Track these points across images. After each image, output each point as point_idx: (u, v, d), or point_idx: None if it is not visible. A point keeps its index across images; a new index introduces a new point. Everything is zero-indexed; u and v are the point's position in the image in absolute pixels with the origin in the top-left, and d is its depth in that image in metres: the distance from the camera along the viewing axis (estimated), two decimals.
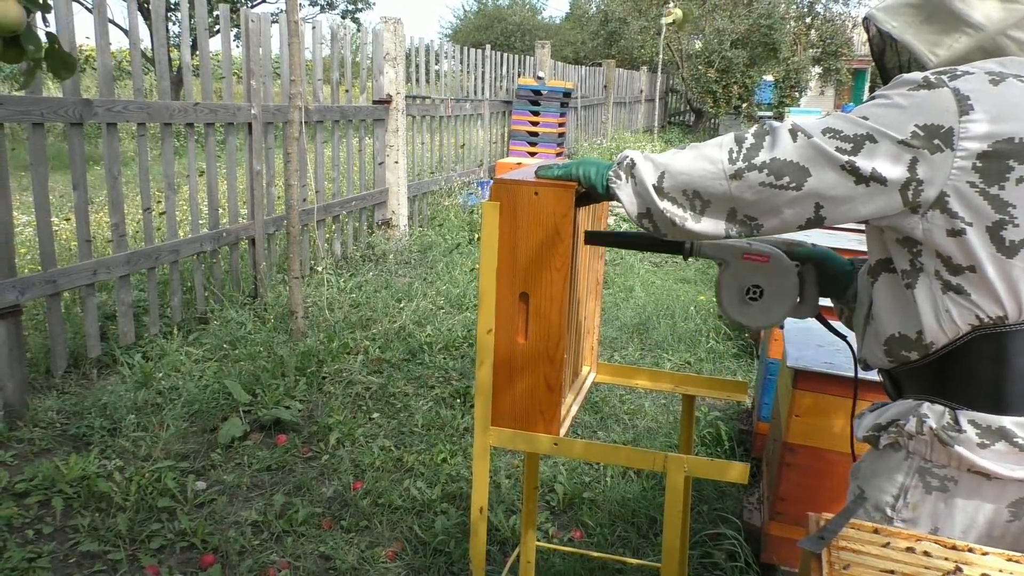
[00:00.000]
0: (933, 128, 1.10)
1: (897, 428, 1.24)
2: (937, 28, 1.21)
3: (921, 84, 1.12)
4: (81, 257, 3.46)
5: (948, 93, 1.10)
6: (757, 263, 1.45)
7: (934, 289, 1.17)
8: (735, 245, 1.47)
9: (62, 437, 3.02)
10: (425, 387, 3.69)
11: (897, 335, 1.23)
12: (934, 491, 1.20)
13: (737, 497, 2.80)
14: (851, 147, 1.13)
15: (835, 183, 1.14)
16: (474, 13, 31.77)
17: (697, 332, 4.62)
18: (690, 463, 1.46)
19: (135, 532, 2.47)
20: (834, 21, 20.26)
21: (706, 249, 1.48)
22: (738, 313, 1.48)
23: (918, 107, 1.11)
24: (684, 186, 1.23)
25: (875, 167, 1.11)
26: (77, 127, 3.39)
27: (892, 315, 1.24)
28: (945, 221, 1.12)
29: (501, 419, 1.55)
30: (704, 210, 1.23)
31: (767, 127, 1.20)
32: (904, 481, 1.23)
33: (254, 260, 4.61)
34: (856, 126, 1.14)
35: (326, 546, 2.48)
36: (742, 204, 1.20)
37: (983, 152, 1.09)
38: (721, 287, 1.49)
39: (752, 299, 1.46)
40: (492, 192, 1.46)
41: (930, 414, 1.19)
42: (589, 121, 12.65)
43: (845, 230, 3.69)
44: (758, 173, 1.17)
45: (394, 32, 5.95)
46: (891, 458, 1.26)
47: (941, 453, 1.19)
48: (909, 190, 1.12)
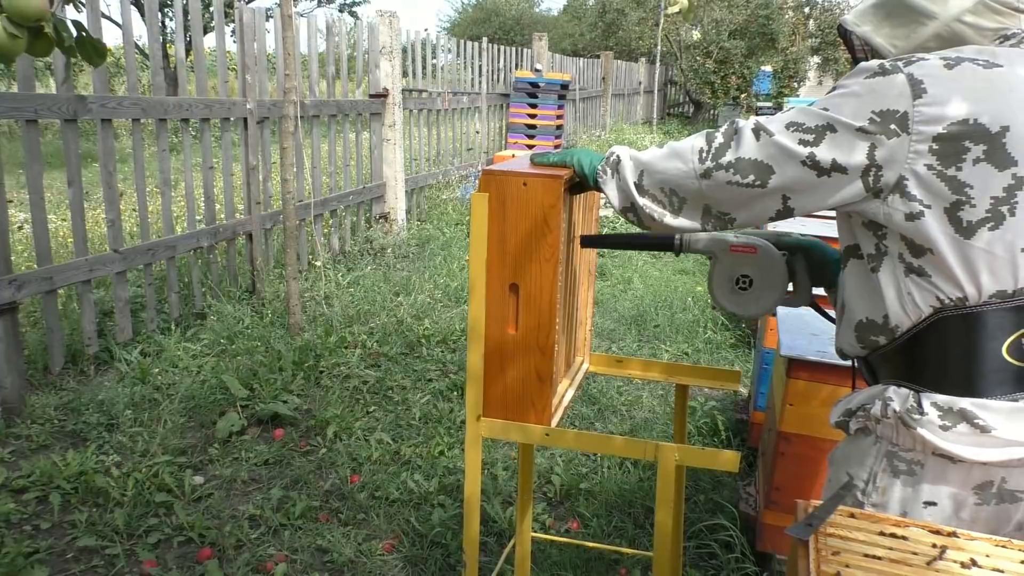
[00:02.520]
0: (889, 113, 1.12)
1: (864, 413, 1.26)
2: (896, 22, 1.25)
3: (876, 71, 1.15)
4: (77, 254, 3.47)
5: (902, 78, 1.13)
6: (745, 254, 1.50)
7: (897, 272, 1.19)
8: (724, 238, 1.52)
9: (60, 433, 3.02)
10: (423, 380, 3.70)
11: (865, 320, 1.26)
12: (901, 475, 1.22)
13: (733, 487, 2.81)
14: (813, 138, 1.16)
15: (798, 177, 1.18)
16: (472, 6, 31.67)
17: (695, 323, 4.62)
18: (681, 452, 1.46)
19: (133, 527, 2.48)
20: (832, 11, 20.21)
21: (696, 244, 1.54)
22: (729, 302, 1.53)
23: (874, 93, 1.14)
24: (661, 184, 1.29)
25: (835, 157, 1.15)
26: (71, 123, 3.38)
27: (860, 300, 1.26)
28: (904, 204, 1.14)
29: (493, 409, 1.55)
30: (681, 207, 1.29)
31: (735, 126, 1.24)
32: (873, 465, 1.25)
33: (251, 255, 4.61)
34: (816, 118, 1.17)
35: (323, 539, 2.49)
36: (714, 201, 1.26)
37: (938, 135, 1.11)
38: (712, 279, 1.54)
39: (742, 288, 1.51)
40: (481, 183, 1.46)
41: (895, 397, 1.21)
42: (588, 113, 12.62)
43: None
44: (725, 172, 1.22)
45: (390, 25, 5.94)
46: (861, 443, 1.28)
47: (906, 436, 1.20)
48: (870, 176, 1.15)
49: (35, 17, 1.16)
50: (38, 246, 3.28)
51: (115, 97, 3.56)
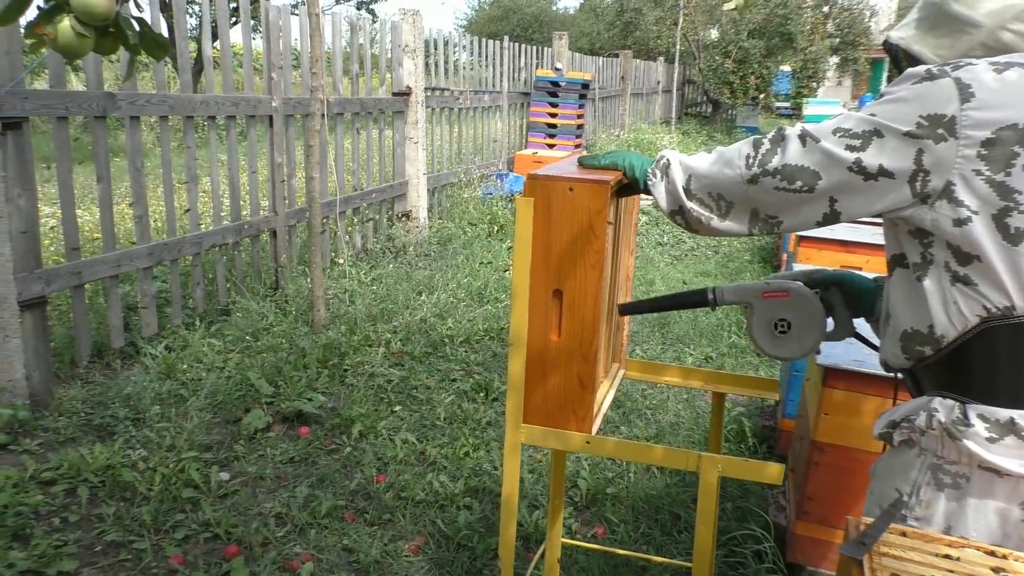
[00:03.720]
0: (936, 117, 1.12)
1: (909, 424, 1.25)
2: (941, 33, 1.26)
3: (924, 76, 1.16)
4: (105, 249, 3.48)
5: (950, 82, 1.13)
6: (779, 299, 1.51)
7: (943, 281, 1.18)
8: (755, 287, 1.53)
9: (87, 426, 3.04)
10: (447, 380, 3.69)
11: (910, 330, 1.25)
12: (946, 488, 1.21)
13: (760, 495, 2.78)
14: (860, 143, 1.17)
15: (845, 183, 1.18)
16: (489, 4, 31.66)
17: (719, 327, 4.59)
18: (724, 463, 1.45)
19: (159, 522, 2.48)
20: (852, 10, 20.04)
21: (729, 296, 1.56)
22: (772, 348, 1.54)
23: (921, 98, 1.14)
24: (709, 188, 1.31)
25: (882, 162, 1.15)
26: (100, 120, 3.40)
27: (905, 310, 1.25)
28: (952, 210, 1.13)
29: (533, 416, 1.54)
30: (728, 211, 1.31)
31: (782, 133, 1.25)
32: (917, 478, 1.24)
33: (275, 252, 4.62)
34: (864, 123, 1.18)
35: (349, 539, 2.48)
36: (762, 205, 1.27)
37: (987, 139, 1.10)
38: (752, 328, 1.54)
39: (782, 333, 1.52)
40: (526, 188, 1.45)
41: (940, 408, 1.20)
42: (607, 112, 12.58)
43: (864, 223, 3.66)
44: (772, 178, 1.23)
45: (413, 24, 5.94)
46: (905, 455, 1.27)
47: (951, 449, 1.19)
48: (917, 181, 1.15)
49: (102, 17, 1.16)
50: (67, 241, 3.30)
51: (144, 94, 3.57)
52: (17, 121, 2.90)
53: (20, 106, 2.90)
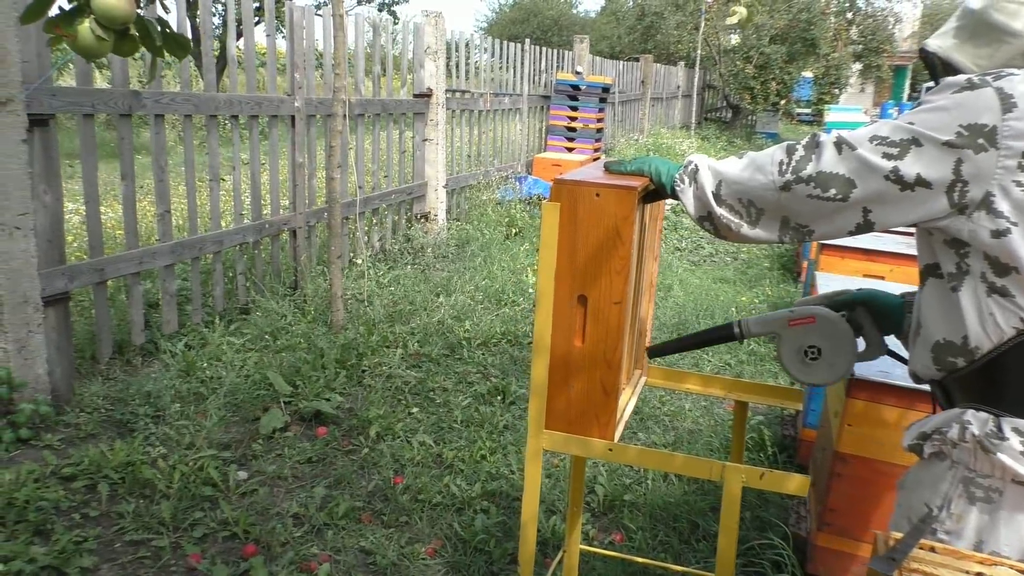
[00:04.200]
0: (977, 127, 1.10)
1: (941, 436, 1.23)
2: (981, 42, 1.24)
3: (964, 86, 1.14)
4: (128, 246, 3.51)
5: (991, 92, 1.11)
6: (805, 326, 1.50)
7: (979, 292, 1.16)
8: (780, 317, 1.53)
9: (107, 423, 3.06)
10: (464, 383, 3.68)
11: (943, 341, 1.23)
12: (978, 502, 1.19)
13: (780, 504, 2.76)
14: (897, 152, 1.15)
15: (881, 191, 1.16)
16: (510, 7, 31.70)
17: None
18: (748, 473, 1.43)
19: (178, 520, 2.49)
20: (876, 17, 19.91)
21: (755, 328, 1.56)
22: (805, 375, 1.53)
23: (961, 107, 1.12)
24: (739, 194, 1.29)
25: (920, 171, 1.13)
26: (126, 118, 3.42)
27: (938, 321, 1.24)
28: (990, 221, 1.12)
29: (555, 422, 1.53)
30: (758, 218, 1.28)
31: (817, 139, 1.23)
32: (947, 491, 1.22)
33: (295, 251, 4.64)
34: (901, 131, 1.16)
35: (366, 540, 2.48)
36: (793, 213, 1.25)
37: None
38: (782, 357, 1.54)
39: (813, 359, 1.51)
40: (552, 192, 1.44)
41: (973, 421, 1.18)
42: (626, 116, 12.55)
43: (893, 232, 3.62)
44: (805, 186, 1.21)
45: (435, 26, 5.95)
46: (935, 467, 1.25)
47: (984, 462, 1.17)
48: (955, 191, 1.13)
49: (122, 21, 1.17)
50: (91, 238, 3.32)
51: (168, 93, 3.60)
52: (44, 118, 2.93)
53: (48, 103, 2.92)
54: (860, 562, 2.15)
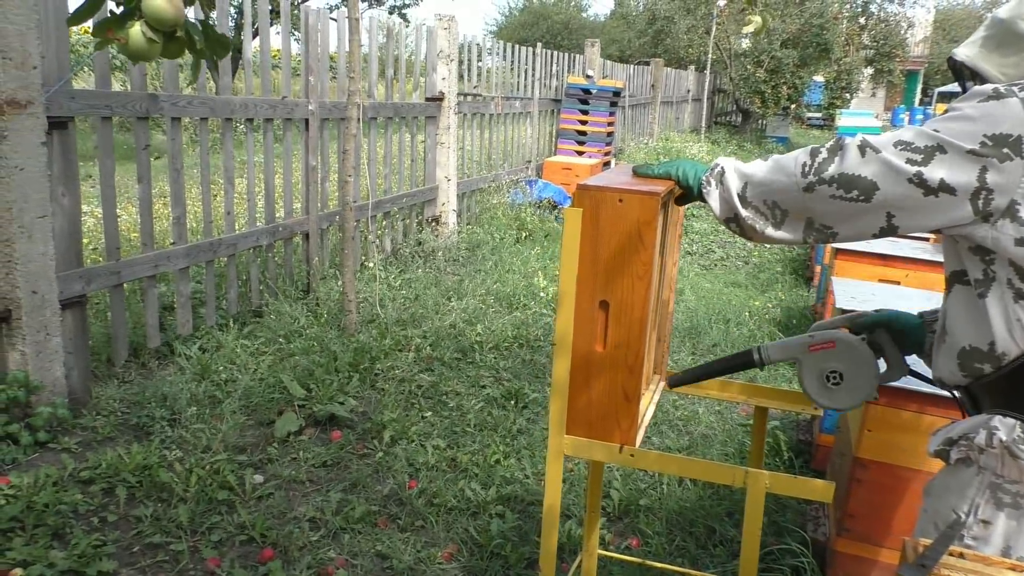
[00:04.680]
0: (1002, 137, 1.11)
1: (967, 442, 1.23)
2: (1008, 51, 1.25)
3: (991, 95, 1.14)
4: (144, 249, 3.52)
5: (1017, 103, 1.12)
6: (826, 351, 1.50)
7: (1006, 299, 1.17)
8: (800, 342, 1.53)
9: (124, 426, 3.07)
10: (477, 387, 3.68)
11: (969, 347, 1.23)
12: (1006, 507, 1.19)
13: (797, 509, 2.74)
14: (921, 158, 1.15)
15: (904, 195, 1.17)
16: (519, 10, 31.75)
17: (751, 338, 4.55)
18: (772, 480, 1.42)
19: (196, 523, 2.50)
20: (888, 21, 19.85)
21: (775, 354, 1.56)
22: (827, 400, 1.52)
23: (987, 117, 1.13)
24: (764, 196, 1.30)
25: (944, 178, 1.14)
26: (143, 121, 3.44)
27: (965, 327, 1.24)
28: (1015, 229, 1.12)
29: (575, 427, 1.53)
30: (783, 219, 1.29)
31: (841, 142, 1.24)
32: (975, 497, 1.22)
33: (307, 255, 4.65)
34: (926, 138, 1.16)
35: (383, 545, 2.48)
36: (817, 214, 1.25)
37: None
38: (803, 382, 1.53)
39: (835, 384, 1.50)
40: (575, 198, 1.44)
41: (1001, 427, 1.18)
42: (636, 120, 12.54)
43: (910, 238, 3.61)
44: (828, 187, 1.21)
45: (448, 30, 5.96)
46: (962, 473, 1.25)
47: (1012, 467, 1.17)
48: (979, 199, 1.14)
49: (171, 23, 1.18)
50: (108, 241, 3.34)
51: (185, 96, 3.62)
52: (63, 121, 2.95)
53: (67, 106, 2.94)
54: (881, 568, 2.14)
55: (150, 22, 1.18)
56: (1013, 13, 1.25)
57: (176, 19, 1.18)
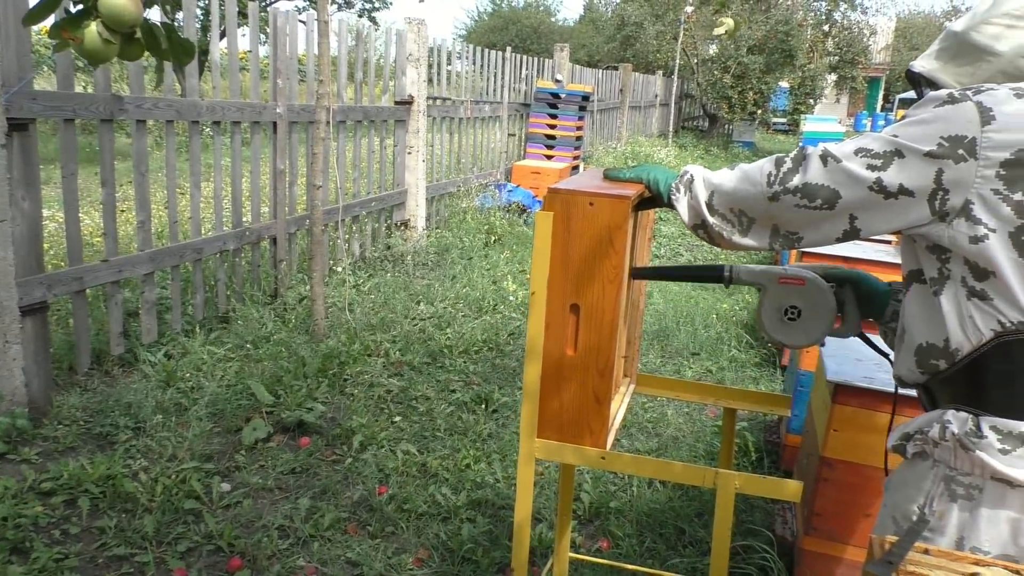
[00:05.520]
0: (957, 139, 1.16)
1: (923, 436, 1.27)
2: (963, 61, 1.30)
3: (946, 100, 1.19)
4: (108, 254, 3.46)
5: (971, 106, 1.16)
6: (794, 285, 1.52)
7: (959, 296, 1.21)
8: (771, 271, 1.55)
9: (86, 435, 3.01)
10: (446, 391, 3.67)
11: (925, 344, 1.27)
12: (959, 499, 1.22)
13: (764, 509, 2.77)
14: (881, 163, 1.20)
15: (866, 201, 1.21)
16: (489, 15, 31.78)
17: (719, 340, 4.59)
18: (742, 480, 1.44)
19: (162, 534, 2.46)
20: (851, 29, 20.20)
21: (744, 276, 1.57)
22: (778, 333, 1.55)
23: (943, 120, 1.17)
24: (731, 204, 1.34)
25: (903, 181, 1.18)
26: (107, 124, 3.38)
27: (921, 324, 1.27)
28: (969, 228, 1.16)
29: (547, 430, 1.53)
30: (750, 227, 1.34)
31: (803, 152, 1.28)
32: (930, 489, 1.25)
33: (275, 259, 4.60)
34: (885, 143, 1.21)
35: (352, 551, 2.46)
36: (783, 222, 1.30)
37: (1005, 160, 1.14)
38: (761, 309, 1.56)
39: (791, 319, 1.53)
40: (546, 201, 1.44)
41: (953, 420, 1.22)
42: (605, 124, 12.61)
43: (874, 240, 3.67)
44: (792, 196, 1.26)
45: (418, 33, 5.95)
46: (918, 467, 1.28)
47: (965, 460, 1.20)
48: (936, 199, 1.18)
49: (130, 24, 1.16)
50: (70, 246, 3.28)
51: (150, 98, 3.56)
52: (24, 123, 2.88)
53: (28, 107, 2.88)
54: (847, 565, 2.17)
55: (107, 22, 1.15)
56: (966, 25, 1.30)
57: (135, 20, 1.16)
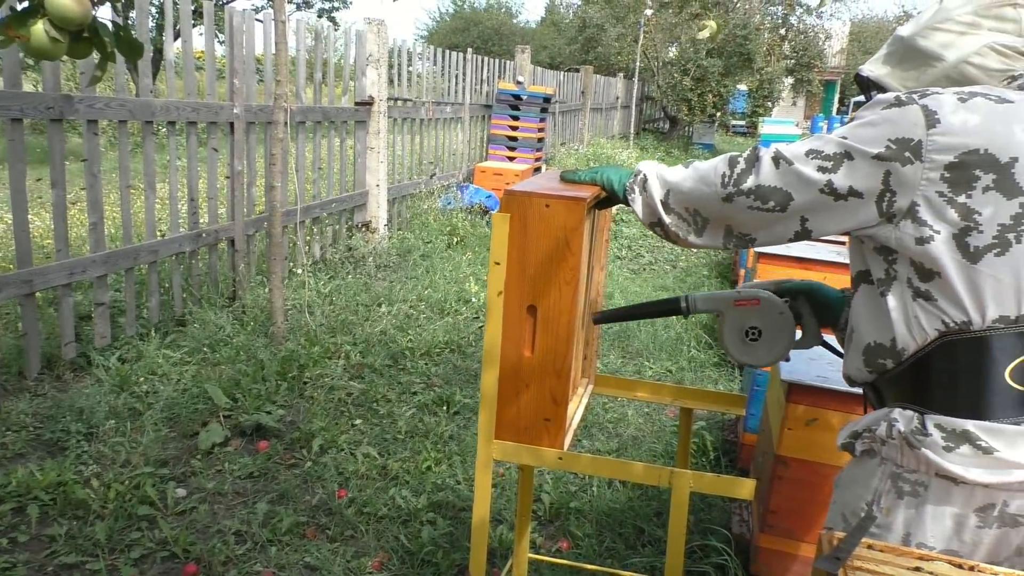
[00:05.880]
0: (903, 141, 1.18)
1: (870, 434, 1.29)
2: (909, 66, 1.33)
3: (893, 103, 1.22)
4: (58, 256, 3.38)
5: (917, 109, 1.19)
6: (749, 307, 1.56)
7: (905, 296, 1.23)
8: (726, 296, 1.58)
9: (36, 442, 2.94)
10: (408, 393, 3.66)
11: (873, 344, 1.29)
12: (906, 496, 1.24)
13: (722, 508, 2.81)
14: (831, 165, 1.22)
15: (816, 202, 1.24)
16: (451, 15, 31.71)
17: (678, 341, 4.64)
18: (696, 479, 1.46)
19: (114, 541, 2.41)
20: (807, 33, 20.57)
21: (701, 305, 1.61)
22: (743, 355, 1.58)
23: (890, 123, 1.20)
24: (686, 204, 1.36)
25: (852, 183, 1.21)
26: (57, 123, 3.31)
27: (869, 324, 1.30)
28: (915, 229, 1.19)
29: (504, 432, 1.54)
30: (704, 227, 1.36)
31: (756, 153, 1.30)
32: (878, 486, 1.28)
33: (233, 261, 4.54)
34: (835, 146, 1.23)
35: (311, 556, 2.44)
36: (736, 223, 1.33)
37: (950, 163, 1.16)
38: (723, 335, 1.59)
39: (753, 340, 1.57)
40: (503, 203, 1.44)
41: (899, 418, 1.24)
42: (566, 126, 12.67)
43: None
44: (746, 198, 1.28)
45: (377, 34, 5.91)
46: (867, 464, 1.31)
47: (910, 457, 1.23)
48: (884, 201, 1.21)
49: (77, 22, 1.14)
50: (18, 248, 3.20)
51: (102, 97, 3.49)
52: None
53: None
54: (802, 562, 2.20)
55: (54, 20, 1.13)
56: (913, 31, 1.34)
57: (82, 18, 1.14)
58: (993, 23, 1.27)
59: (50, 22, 1.13)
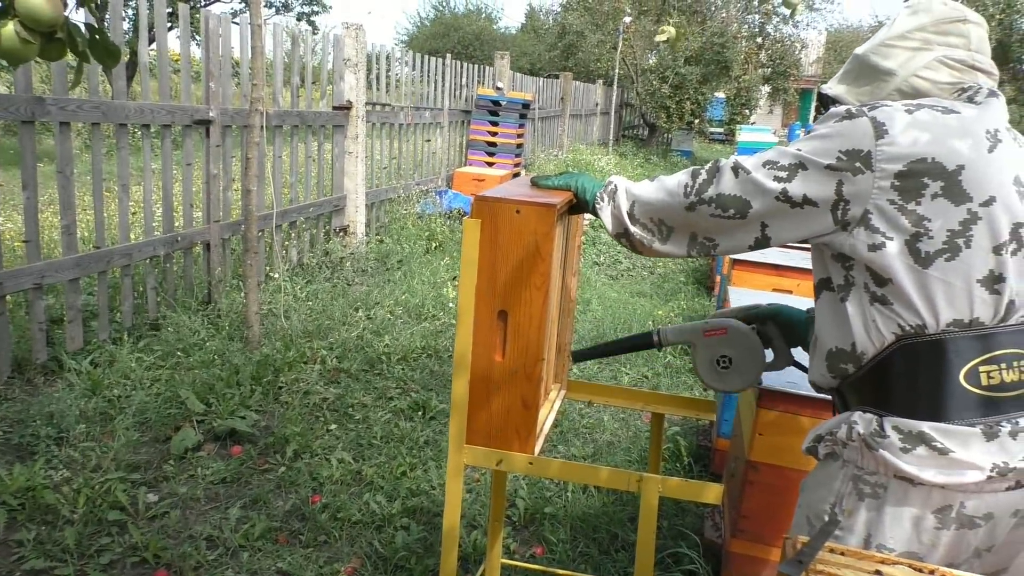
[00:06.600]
0: (854, 152, 1.23)
1: (832, 437, 1.33)
2: (864, 82, 1.40)
3: (844, 116, 1.27)
4: (29, 259, 3.34)
5: (866, 121, 1.24)
6: (718, 336, 1.62)
7: (863, 301, 1.27)
8: (695, 327, 1.65)
9: (5, 446, 2.90)
10: (384, 398, 3.65)
11: (835, 349, 1.33)
12: (866, 498, 1.27)
13: (696, 513, 2.83)
14: (786, 175, 1.28)
15: (773, 209, 1.30)
16: (430, 21, 31.69)
17: None
18: (665, 484, 1.47)
19: (84, 546, 2.38)
20: (784, 42, 20.79)
21: (672, 337, 1.69)
22: (717, 382, 1.64)
23: (841, 135, 1.25)
24: (651, 214, 1.41)
25: (806, 192, 1.26)
26: (28, 125, 3.27)
27: (831, 330, 1.34)
28: (868, 236, 1.23)
29: (476, 437, 1.54)
30: (669, 235, 1.42)
31: (717, 164, 1.36)
32: (840, 489, 1.31)
33: (208, 266, 4.51)
34: (790, 157, 1.29)
35: (284, 562, 2.43)
36: (700, 229, 1.39)
37: (899, 171, 1.21)
38: (696, 365, 1.65)
39: (724, 368, 1.63)
40: (473, 209, 1.45)
41: (859, 421, 1.28)
42: (546, 132, 12.70)
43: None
44: (707, 206, 1.34)
45: (355, 38, 5.90)
46: (829, 467, 1.34)
47: (870, 459, 1.26)
48: (838, 210, 1.25)
49: (49, 24, 1.13)
50: None
51: (75, 99, 3.46)
52: None
53: None
54: (773, 567, 2.22)
55: (25, 21, 1.12)
56: (867, 49, 1.40)
57: (55, 19, 1.13)
58: (944, 38, 1.33)
59: (21, 23, 1.12)
